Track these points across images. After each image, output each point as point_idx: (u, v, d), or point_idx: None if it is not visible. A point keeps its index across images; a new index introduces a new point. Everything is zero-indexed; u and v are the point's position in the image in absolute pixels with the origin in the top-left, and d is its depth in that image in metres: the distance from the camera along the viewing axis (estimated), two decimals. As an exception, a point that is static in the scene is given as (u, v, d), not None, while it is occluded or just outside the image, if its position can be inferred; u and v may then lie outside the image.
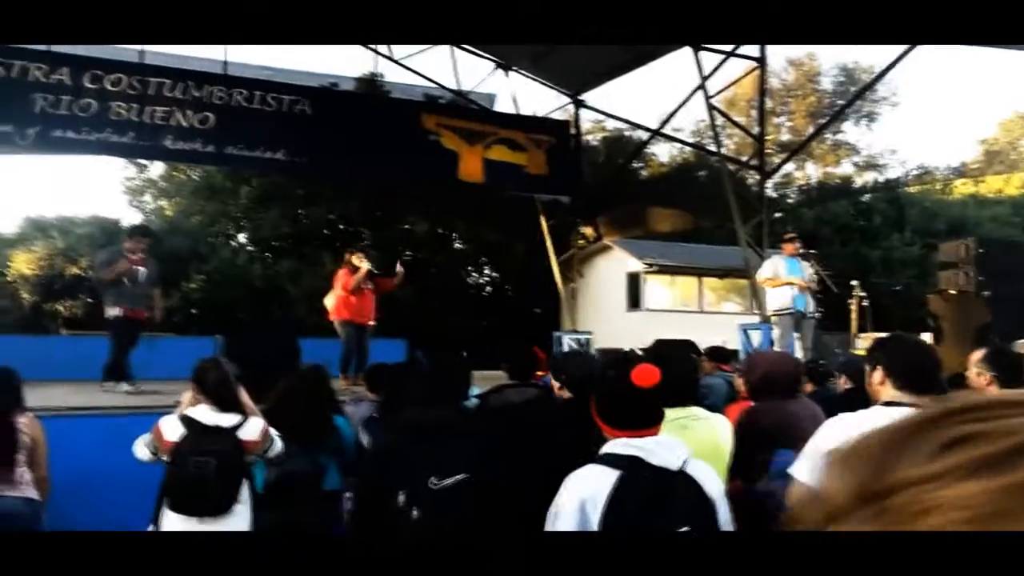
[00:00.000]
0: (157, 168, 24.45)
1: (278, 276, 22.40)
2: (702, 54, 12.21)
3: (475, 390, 4.51)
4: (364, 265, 8.85)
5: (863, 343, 13.26)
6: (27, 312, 21.39)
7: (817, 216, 26.83)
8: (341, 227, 24.22)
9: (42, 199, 64.33)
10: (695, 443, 2.80)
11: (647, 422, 2.59)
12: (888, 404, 2.75)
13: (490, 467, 3.19)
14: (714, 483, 2.56)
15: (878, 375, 2.84)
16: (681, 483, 2.44)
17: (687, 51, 12.34)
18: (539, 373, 5.47)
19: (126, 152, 13.22)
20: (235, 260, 23.40)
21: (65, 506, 4.38)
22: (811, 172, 33.65)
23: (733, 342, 10.97)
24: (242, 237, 26.13)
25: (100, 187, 60.22)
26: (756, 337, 10.75)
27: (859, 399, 3.62)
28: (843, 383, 5.33)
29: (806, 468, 2.69)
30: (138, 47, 11.47)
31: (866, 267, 24.06)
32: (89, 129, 10.49)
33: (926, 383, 2.80)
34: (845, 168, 33.74)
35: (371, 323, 8.99)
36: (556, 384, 3.99)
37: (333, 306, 8.97)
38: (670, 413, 3.34)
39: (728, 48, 12.21)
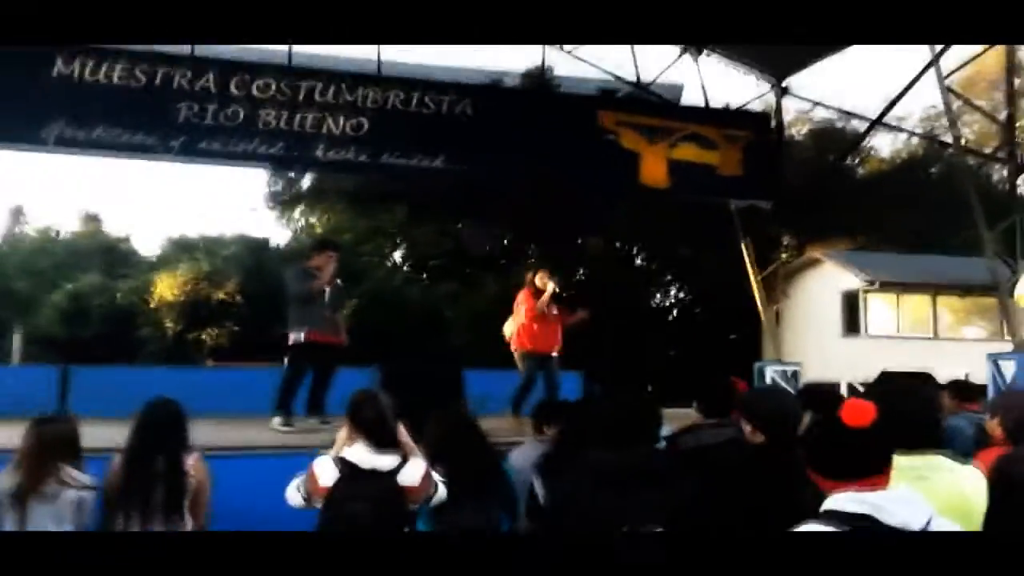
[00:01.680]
0: (307, 181, 25.55)
1: (436, 299, 22.96)
2: (933, 26, 11.69)
3: (663, 430, 4.45)
4: (549, 286, 8.87)
5: None
6: (170, 341, 22.68)
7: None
8: (505, 243, 24.61)
9: (186, 217, 68.82)
10: (935, 499, 2.65)
11: (867, 470, 2.46)
12: None
13: (685, 519, 3.12)
14: (965, 549, 2.41)
15: None
16: (923, 548, 2.30)
17: (913, 23, 11.86)
18: (739, 411, 5.34)
19: (276, 163, 13.85)
20: (390, 281, 24.14)
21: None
22: (1075, 164, 31.68)
23: (978, 375, 10.42)
24: (397, 255, 26.98)
25: (246, 202, 63.66)
26: (1009, 369, 10.17)
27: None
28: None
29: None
30: (285, 47, 12.02)
31: None
32: (237, 139, 11.08)
33: None
34: (1121, 159, 31.57)
35: (556, 353, 8.99)
36: (748, 427, 3.86)
37: (513, 334, 9.02)
38: (902, 460, 3.18)
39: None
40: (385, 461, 3.86)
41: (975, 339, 18.62)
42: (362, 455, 3.88)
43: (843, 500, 2.42)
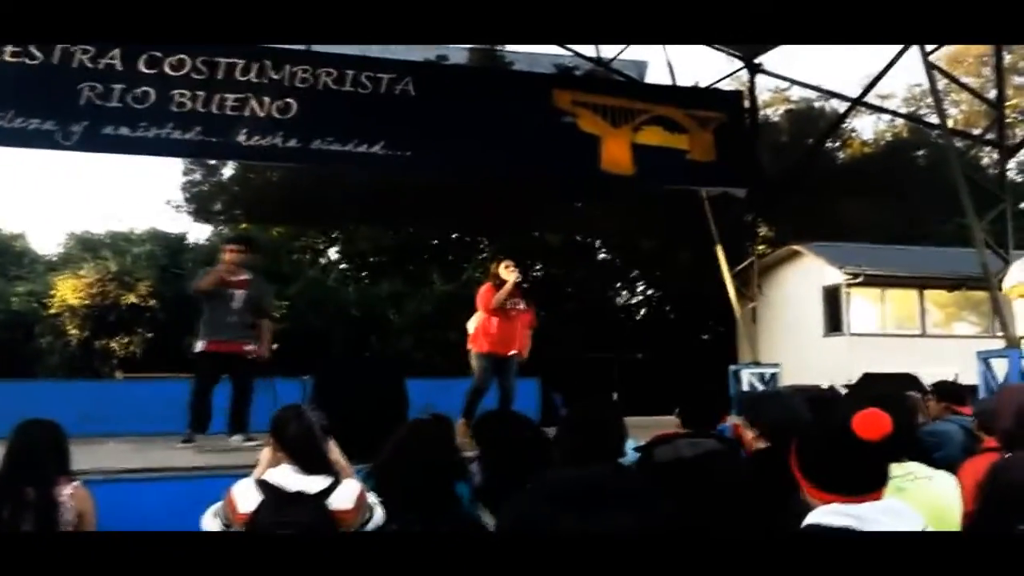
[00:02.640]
0: (228, 169, 25.29)
1: (377, 300, 22.82)
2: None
3: (631, 443, 4.40)
4: (511, 277, 8.77)
5: None
6: (74, 351, 22.28)
7: (1082, 205, 25.68)
8: (454, 236, 24.54)
9: (90, 212, 67.76)
10: (914, 508, 2.68)
11: (870, 485, 2.47)
12: None
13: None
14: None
15: None
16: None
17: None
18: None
19: (191, 151, 13.66)
20: (325, 281, 23.95)
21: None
22: (1071, 146, 32.24)
23: (969, 375, 10.55)
24: (333, 252, 26.79)
25: (160, 195, 62.91)
26: (1001, 368, 10.31)
27: None
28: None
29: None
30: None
31: None
32: (146, 124, 10.87)
33: None
34: (1119, 140, 32.18)
35: (518, 354, 8.89)
36: (751, 433, 3.87)
37: (473, 333, 8.95)
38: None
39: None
40: (313, 483, 3.78)
41: (965, 336, 18.85)
42: (287, 477, 3.79)
43: (826, 513, 2.44)
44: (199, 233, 27.38)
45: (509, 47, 16.55)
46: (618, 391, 17.25)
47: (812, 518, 2.46)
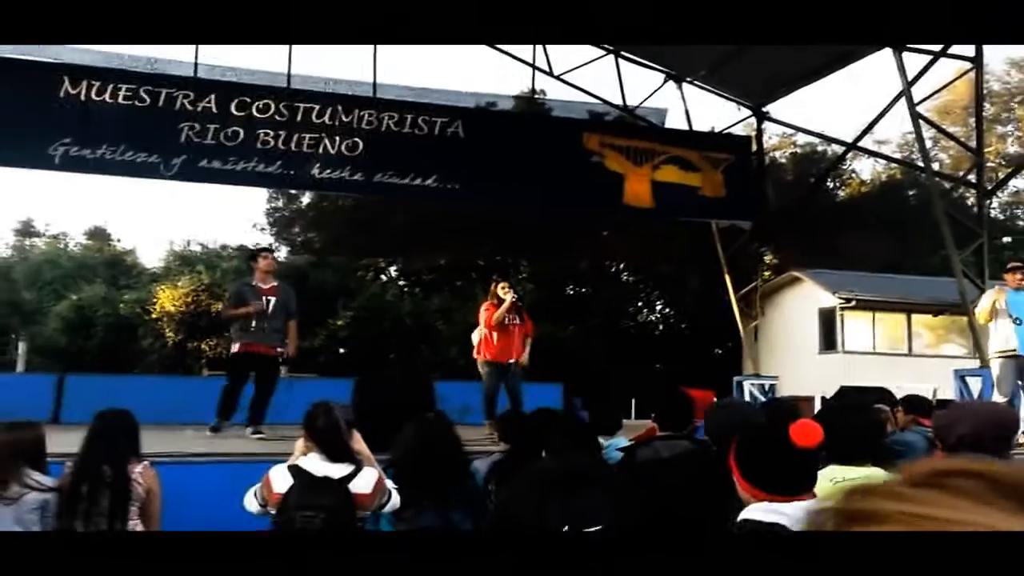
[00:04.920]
0: (306, 198, 25.69)
1: (429, 313, 22.98)
2: (906, 55, 11.77)
3: (621, 441, 4.48)
4: (508, 296, 8.90)
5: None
6: (170, 351, 22.67)
7: (1053, 241, 25.33)
8: (498, 258, 24.67)
9: (188, 231, 68.89)
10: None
11: (801, 487, 2.50)
12: None
13: (629, 521, 3.16)
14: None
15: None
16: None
17: (888, 52, 11.94)
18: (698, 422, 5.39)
19: (273, 182, 13.93)
20: (384, 295, 24.17)
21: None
22: (1045, 190, 31.74)
23: (950, 391, 10.49)
24: (392, 270, 27.02)
25: (247, 218, 63.90)
26: (975, 385, 10.20)
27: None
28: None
29: None
30: (284, 71, 12.08)
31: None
32: (235, 158, 11.13)
33: None
34: (1089, 185, 31.60)
35: (516, 361, 8.95)
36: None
37: (477, 344, 9.08)
38: (840, 472, 3.25)
39: (936, 48, 11.72)
40: (338, 470, 3.87)
41: (948, 356, 18.64)
42: (316, 464, 3.89)
43: (758, 510, 2.45)
44: (280, 252, 27.66)
45: (549, 96, 16.65)
46: (637, 397, 17.27)
47: (746, 514, 2.48)
